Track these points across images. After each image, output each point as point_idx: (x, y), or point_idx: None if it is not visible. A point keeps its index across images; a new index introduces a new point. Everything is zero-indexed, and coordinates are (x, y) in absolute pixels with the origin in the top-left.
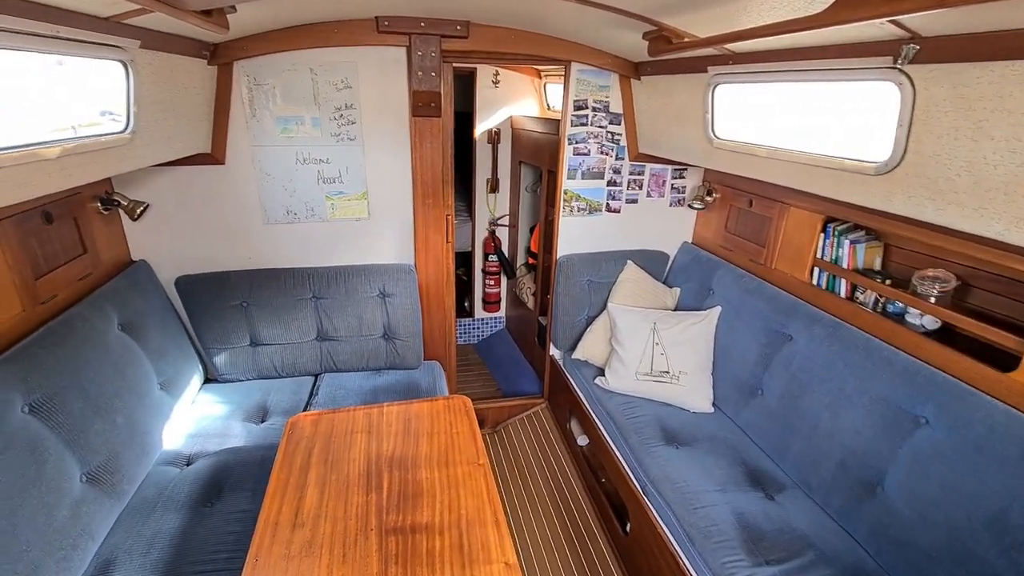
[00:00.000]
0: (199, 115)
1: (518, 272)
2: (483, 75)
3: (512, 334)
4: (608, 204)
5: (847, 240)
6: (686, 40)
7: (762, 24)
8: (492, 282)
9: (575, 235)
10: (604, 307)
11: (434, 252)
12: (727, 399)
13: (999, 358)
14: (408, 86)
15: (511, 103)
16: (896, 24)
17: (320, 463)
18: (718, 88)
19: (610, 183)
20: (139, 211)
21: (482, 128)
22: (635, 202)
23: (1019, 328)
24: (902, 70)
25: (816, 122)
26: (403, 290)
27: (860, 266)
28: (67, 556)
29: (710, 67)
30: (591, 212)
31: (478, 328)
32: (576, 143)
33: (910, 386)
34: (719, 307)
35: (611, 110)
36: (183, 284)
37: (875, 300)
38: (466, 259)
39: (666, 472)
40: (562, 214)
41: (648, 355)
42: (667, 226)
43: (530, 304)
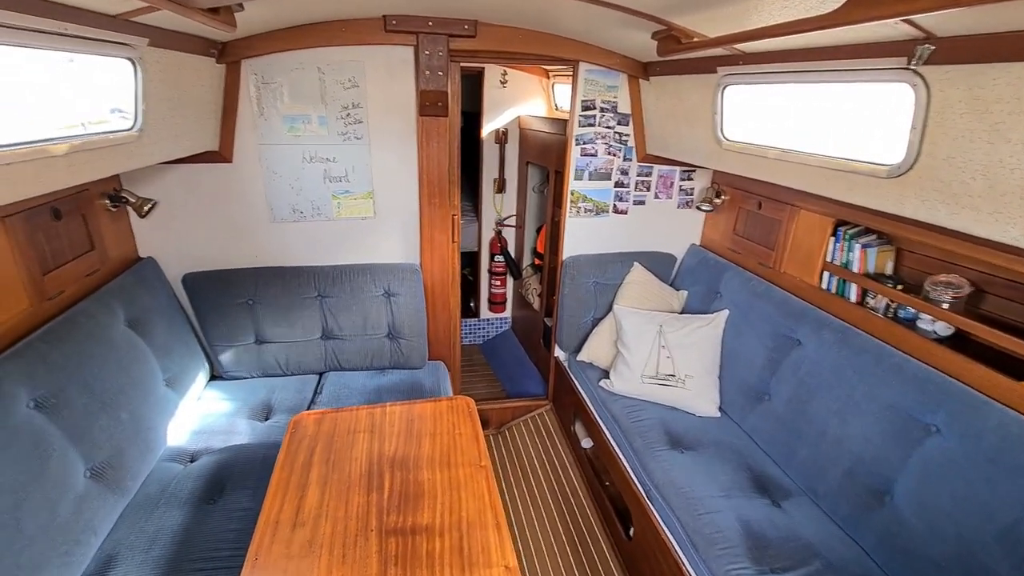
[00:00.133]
0: (207, 113)
1: (524, 273)
2: (491, 75)
3: (517, 335)
4: (615, 205)
5: (858, 244)
6: (695, 40)
7: (773, 24)
8: (498, 282)
9: (581, 236)
10: (610, 309)
11: (439, 252)
12: (734, 404)
13: (1013, 366)
14: (415, 85)
15: (519, 103)
16: (910, 24)
17: (322, 462)
18: (728, 89)
19: (617, 184)
20: (147, 208)
21: (489, 128)
22: (642, 203)
23: None
24: (916, 71)
25: (827, 124)
26: (408, 290)
27: (871, 271)
28: (70, 551)
29: (720, 67)
30: (598, 213)
31: (483, 328)
32: (583, 143)
33: (921, 393)
34: (726, 310)
35: (619, 110)
36: (190, 281)
37: (886, 305)
38: (472, 259)
39: (670, 477)
40: (568, 215)
41: (654, 358)
42: (675, 228)
43: (536, 305)
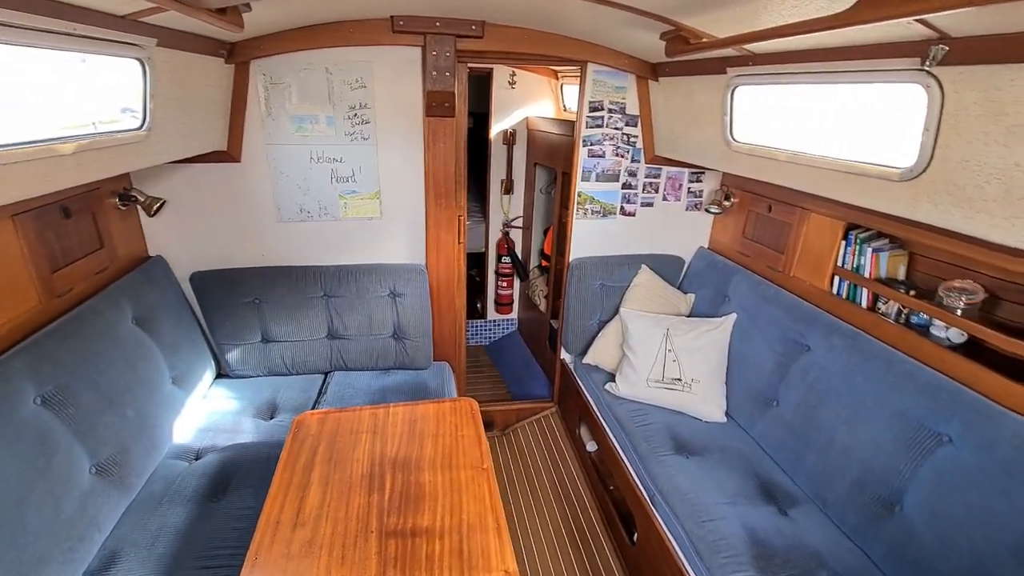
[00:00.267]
0: (215, 113)
1: (531, 274)
2: (500, 76)
3: (524, 336)
4: (623, 207)
5: (870, 248)
6: (704, 40)
7: (783, 24)
8: (505, 284)
9: (588, 238)
10: (616, 311)
11: (445, 253)
12: (741, 409)
13: None
14: (422, 86)
15: (527, 104)
16: (924, 24)
17: (324, 462)
18: (737, 90)
19: (625, 186)
20: (156, 207)
21: (497, 129)
22: (650, 205)
23: None
24: (930, 72)
25: (838, 125)
26: (414, 290)
27: (883, 275)
28: (73, 547)
29: (729, 68)
30: (605, 215)
31: (490, 329)
32: (591, 145)
33: (933, 402)
34: (734, 314)
35: (627, 112)
36: (198, 280)
37: (898, 311)
38: (479, 260)
39: (675, 482)
40: (575, 216)
41: (660, 362)
42: (683, 230)
43: (542, 307)
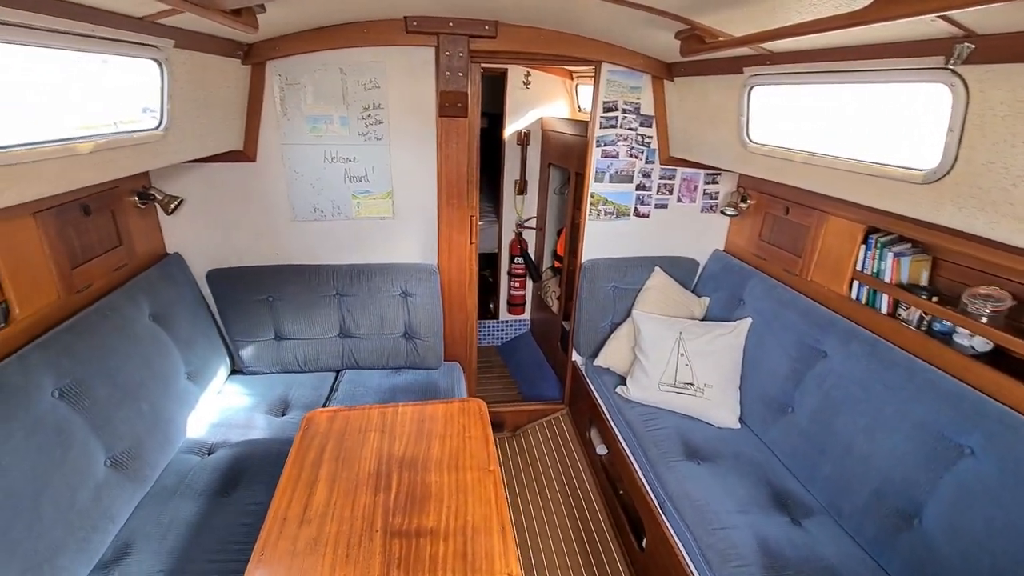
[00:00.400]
0: (232, 113)
1: (544, 275)
2: (514, 76)
3: (536, 338)
4: (636, 208)
5: (891, 252)
6: (720, 39)
7: (800, 22)
8: (517, 284)
9: (601, 239)
10: (629, 314)
11: (457, 253)
12: (754, 415)
13: None
14: (435, 86)
15: (542, 104)
16: (948, 20)
17: (332, 460)
18: (754, 90)
19: (639, 187)
20: (174, 205)
21: (512, 129)
22: (665, 207)
23: None
24: (954, 71)
25: (857, 126)
26: (425, 290)
27: (905, 280)
28: (87, 537)
29: (746, 68)
30: (618, 216)
31: (502, 330)
32: (604, 145)
33: (955, 412)
34: (749, 318)
35: (642, 112)
36: (214, 277)
37: (919, 318)
38: (492, 260)
39: (685, 488)
40: (588, 218)
41: (672, 365)
42: (698, 232)
43: (554, 308)
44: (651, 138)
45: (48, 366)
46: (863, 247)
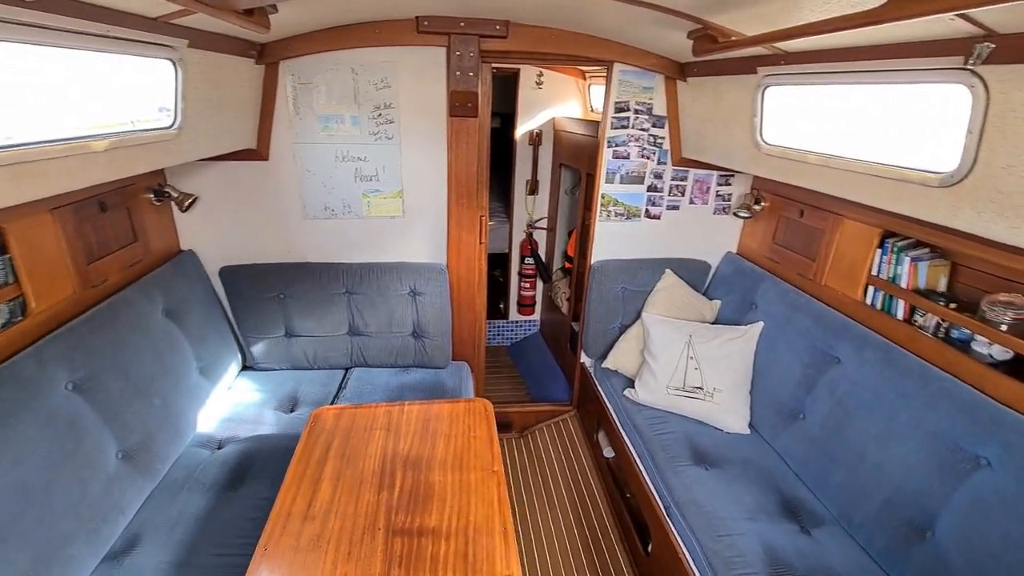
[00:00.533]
0: (246, 112)
1: (554, 276)
2: (526, 76)
3: (545, 338)
4: (647, 210)
5: (908, 257)
6: (733, 39)
7: (814, 21)
8: (528, 285)
9: (611, 241)
10: (638, 316)
11: (466, 253)
12: (765, 421)
13: None
14: (446, 86)
15: (554, 104)
16: (967, 19)
17: (337, 457)
18: (768, 90)
19: (650, 188)
20: (188, 203)
21: (523, 129)
22: (676, 208)
23: None
24: (974, 71)
25: (873, 127)
26: (434, 289)
27: (922, 286)
28: (97, 529)
29: (760, 68)
30: (629, 217)
31: (512, 330)
32: (616, 146)
33: (972, 422)
34: (761, 322)
35: (654, 112)
36: (226, 274)
37: (936, 324)
38: (502, 261)
39: (692, 494)
40: (599, 219)
41: (681, 369)
42: (710, 235)
43: (564, 309)
44: (663, 139)
45: (63, 359)
46: (879, 251)
